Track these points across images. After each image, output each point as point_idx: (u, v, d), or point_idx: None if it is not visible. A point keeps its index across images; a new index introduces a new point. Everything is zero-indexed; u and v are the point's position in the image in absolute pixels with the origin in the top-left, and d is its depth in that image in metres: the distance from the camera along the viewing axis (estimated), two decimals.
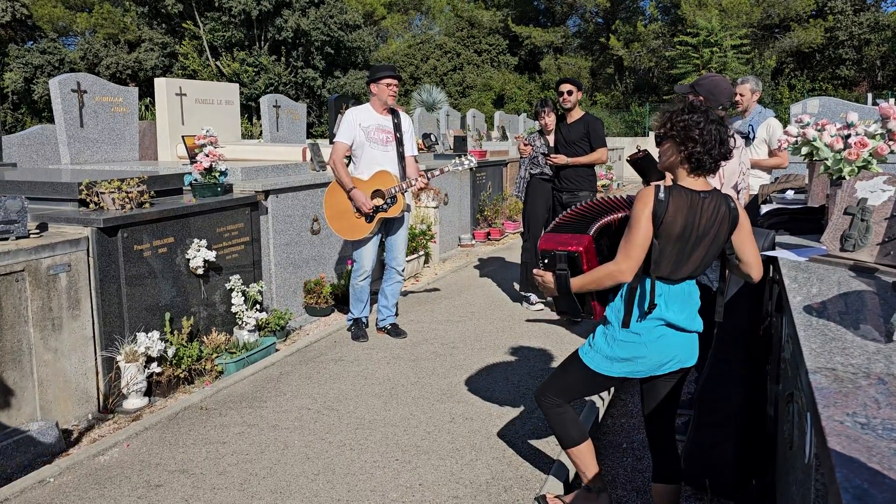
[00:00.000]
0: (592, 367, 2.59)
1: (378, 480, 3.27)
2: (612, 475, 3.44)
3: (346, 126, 5.15)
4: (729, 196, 2.47)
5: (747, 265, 2.51)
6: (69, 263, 3.93)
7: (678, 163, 2.46)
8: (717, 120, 2.42)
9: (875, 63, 28.63)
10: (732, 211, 2.43)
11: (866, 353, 1.67)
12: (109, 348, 4.16)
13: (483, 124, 16.53)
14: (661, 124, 2.49)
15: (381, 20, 35.94)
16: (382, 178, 5.09)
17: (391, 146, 5.18)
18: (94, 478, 3.30)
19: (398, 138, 5.20)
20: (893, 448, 1.18)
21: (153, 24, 28.10)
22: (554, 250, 2.58)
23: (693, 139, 2.38)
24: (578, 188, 5.76)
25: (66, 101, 6.37)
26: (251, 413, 4.04)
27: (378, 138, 5.14)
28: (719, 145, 2.40)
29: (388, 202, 5.08)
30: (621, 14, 33.03)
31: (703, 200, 2.39)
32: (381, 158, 5.15)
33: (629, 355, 2.51)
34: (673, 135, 2.44)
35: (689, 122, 2.40)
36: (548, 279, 2.61)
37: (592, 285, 2.52)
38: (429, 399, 4.24)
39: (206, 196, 5.05)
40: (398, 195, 5.08)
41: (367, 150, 5.15)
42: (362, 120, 5.14)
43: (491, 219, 10.45)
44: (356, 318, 5.43)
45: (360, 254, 5.27)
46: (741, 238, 2.47)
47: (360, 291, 5.36)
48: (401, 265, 5.41)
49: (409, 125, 5.33)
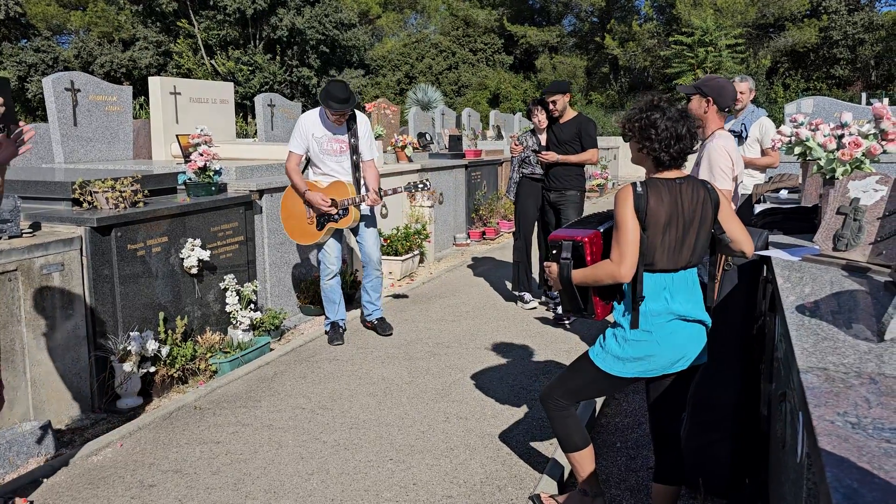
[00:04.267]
0: (605, 368, 2.58)
1: (372, 480, 3.26)
2: (606, 474, 3.44)
3: (299, 136, 5.04)
4: (703, 179, 2.55)
5: (737, 242, 2.56)
6: (62, 263, 3.92)
7: (642, 159, 2.54)
8: (675, 117, 2.46)
9: (869, 63, 28.72)
10: (711, 192, 2.50)
11: (858, 353, 1.68)
12: (103, 348, 4.15)
13: (478, 123, 16.54)
14: (623, 124, 2.58)
15: (376, 19, 35.93)
16: (338, 188, 5.01)
17: (345, 156, 5.09)
18: (88, 478, 3.29)
19: (353, 145, 5.08)
20: (883, 447, 1.19)
21: (147, 22, 28.03)
22: (562, 240, 2.62)
23: (650, 138, 2.45)
24: (566, 187, 5.77)
25: (60, 99, 6.35)
26: (245, 413, 4.04)
27: (331, 149, 5.06)
28: (676, 141, 2.44)
29: (339, 213, 5.01)
30: (616, 13, 33.08)
31: (679, 186, 2.46)
32: (335, 169, 5.08)
33: (642, 354, 2.51)
34: (630, 135, 2.52)
35: (645, 121, 2.46)
36: (553, 269, 2.63)
37: (591, 280, 2.52)
38: (423, 398, 4.24)
39: (201, 195, 5.04)
40: (350, 207, 4.99)
41: (320, 160, 5.08)
42: (315, 131, 5.03)
43: (486, 218, 10.46)
44: (332, 321, 5.38)
45: (323, 254, 5.23)
46: (725, 216, 2.54)
47: (331, 292, 5.32)
48: (375, 262, 5.35)
49: (367, 129, 5.17)
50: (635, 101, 2.72)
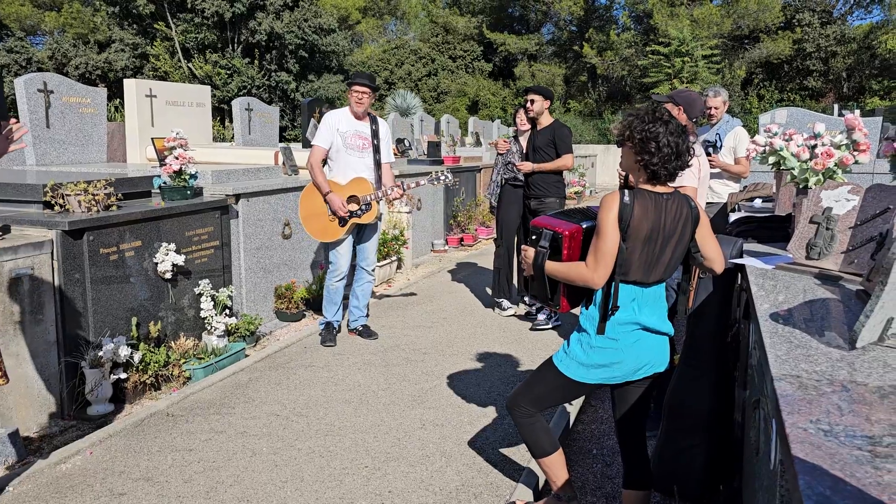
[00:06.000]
0: (568, 374, 2.59)
1: (347, 488, 3.23)
2: (582, 481, 3.45)
3: (326, 130, 5.17)
4: (689, 196, 2.52)
5: (710, 260, 2.56)
6: (32, 266, 3.85)
7: (636, 169, 2.48)
8: (676, 131, 2.41)
9: (841, 75, 29.26)
10: (694, 210, 2.48)
11: (830, 361, 1.70)
12: (73, 353, 4.07)
13: (457, 130, 16.57)
14: (621, 130, 2.50)
15: (355, 24, 35.85)
16: (359, 184, 5.13)
17: (367, 153, 5.21)
18: (55, 486, 3.22)
19: (375, 145, 5.23)
20: (855, 455, 1.20)
21: (124, 24, 27.70)
22: (543, 228, 2.62)
23: (650, 151, 2.39)
24: (546, 194, 5.79)
25: (32, 100, 6.24)
26: (219, 420, 3.98)
27: (355, 144, 5.18)
28: (676, 158, 2.41)
29: (362, 208, 5.13)
30: (594, 23, 33.35)
31: (665, 202, 2.43)
32: (357, 165, 5.19)
33: (606, 361, 2.51)
34: (629, 144, 2.46)
35: (648, 133, 2.39)
36: (529, 254, 2.64)
37: (562, 276, 2.53)
38: (399, 405, 4.21)
39: (176, 199, 4.98)
40: (373, 202, 5.13)
41: (343, 156, 5.18)
42: (340, 125, 5.17)
43: (464, 224, 10.46)
44: (328, 321, 5.41)
45: (335, 254, 5.29)
46: (702, 235, 2.52)
47: (335, 293, 5.36)
48: (371, 265, 5.46)
49: (387, 132, 5.36)
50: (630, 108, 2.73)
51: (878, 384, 1.54)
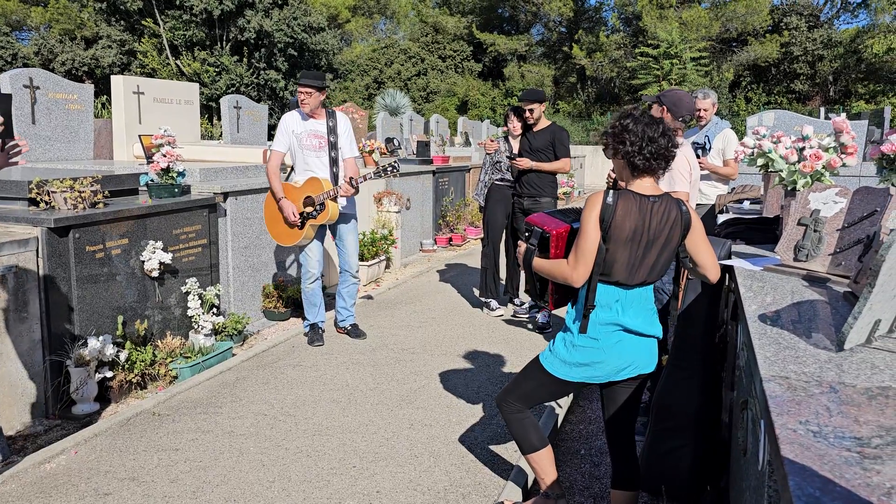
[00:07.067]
0: (552, 371, 2.62)
1: (335, 488, 3.22)
2: (570, 481, 3.45)
3: (280, 133, 5.14)
4: (680, 200, 2.51)
5: (703, 268, 2.54)
6: (17, 264, 3.81)
7: (622, 169, 2.54)
8: (645, 120, 2.48)
9: (828, 78, 29.52)
10: (684, 215, 2.47)
11: (818, 362, 1.70)
12: (59, 352, 4.03)
13: (446, 130, 16.56)
14: (601, 140, 2.61)
15: (345, 23, 35.78)
16: (313, 184, 5.07)
17: (324, 151, 5.15)
18: (40, 486, 3.19)
19: (332, 142, 5.15)
20: (844, 456, 1.20)
21: (111, 20, 27.47)
22: (535, 226, 2.68)
23: (623, 142, 2.47)
24: (540, 194, 5.81)
25: (18, 96, 6.17)
26: (206, 419, 3.96)
27: (310, 144, 5.12)
28: (649, 143, 2.44)
29: (317, 209, 5.06)
30: (584, 24, 33.45)
31: (652, 204, 2.43)
32: (315, 164, 5.14)
33: (587, 360, 2.54)
34: (608, 145, 2.55)
35: (619, 128, 2.49)
36: (521, 250, 2.72)
37: (546, 274, 2.59)
38: (387, 405, 4.20)
39: (163, 197, 4.95)
40: (326, 202, 5.03)
41: (301, 156, 5.15)
42: (295, 127, 5.13)
43: (453, 224, 10.45)
44: (312, 323, 5.40)
45: (304, 257, 5.28)
46: (695, 241, 2.50)
47: (312, 295, 5.33)
48: (353, 267, 5.40)
49: (347, 126, 5.25)
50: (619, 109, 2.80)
51: (866, 385, 1.55)
